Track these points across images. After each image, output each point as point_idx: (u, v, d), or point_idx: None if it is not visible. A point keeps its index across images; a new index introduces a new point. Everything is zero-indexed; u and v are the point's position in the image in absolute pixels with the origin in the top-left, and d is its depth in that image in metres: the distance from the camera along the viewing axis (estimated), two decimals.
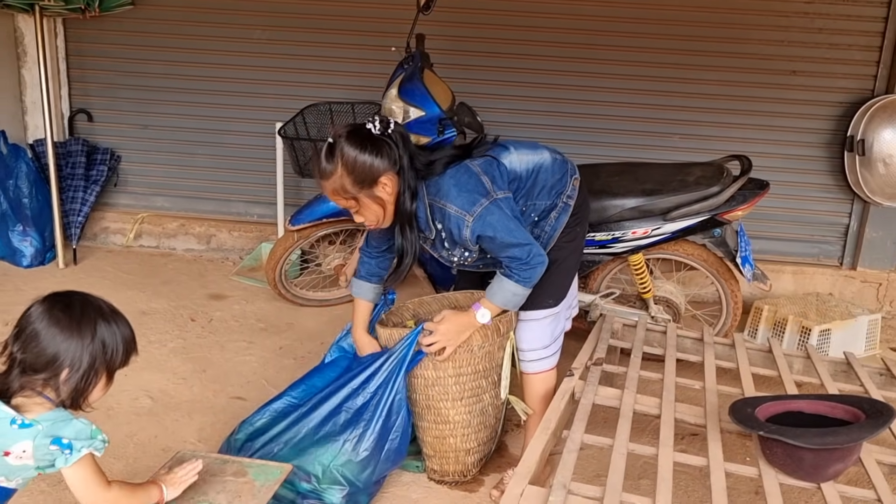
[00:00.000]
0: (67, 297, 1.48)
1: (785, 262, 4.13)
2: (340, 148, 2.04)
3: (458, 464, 2.39)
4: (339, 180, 2.06)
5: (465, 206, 2.12)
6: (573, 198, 2.37)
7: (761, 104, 3.98)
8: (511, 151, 2.31)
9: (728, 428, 2.17)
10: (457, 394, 2.27)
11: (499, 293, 2.20)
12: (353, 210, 2.15)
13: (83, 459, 1.45)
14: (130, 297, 3.79)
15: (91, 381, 1.47)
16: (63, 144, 4.27)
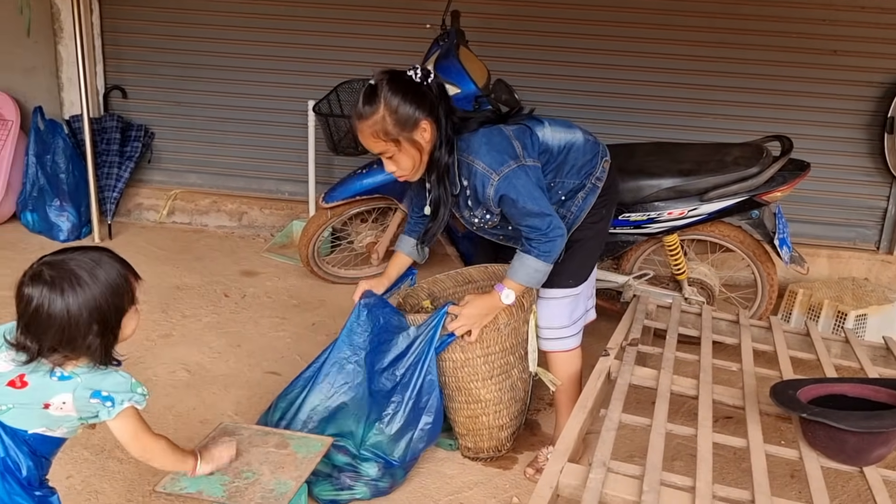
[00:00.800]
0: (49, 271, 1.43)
1: (820, 245, 4.07)
2: (382, 90, 2.03)
3: (492, 440, 2.40)
4: (381, 122, 2.04)
5: (492, 165, 2.11)
6: (602, 180, 2.36)
7: (799, 84, 3.90)
8: (545, 125, 2.31)
9: (765, 410, 2.16)
10: (486, 373, 2.28)
11: (520, 270, 2.19)
12: (388, 155, 2.12)
13: (126, 412, 1.48)
14: (164, 272, 3.83)
15: (113, 335, 1.48)
16: (98, 121, 4.31)
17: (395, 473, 2.23)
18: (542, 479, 1.77)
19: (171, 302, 3.50)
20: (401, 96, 2.03)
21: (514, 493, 2.30)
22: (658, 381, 2.26)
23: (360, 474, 2.17)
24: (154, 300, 3.49)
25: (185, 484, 1.72)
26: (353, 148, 3.42)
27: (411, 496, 2.25)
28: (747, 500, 1.72)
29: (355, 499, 2.18)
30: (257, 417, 2.50)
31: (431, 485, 2.31)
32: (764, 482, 1.77)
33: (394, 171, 2.17)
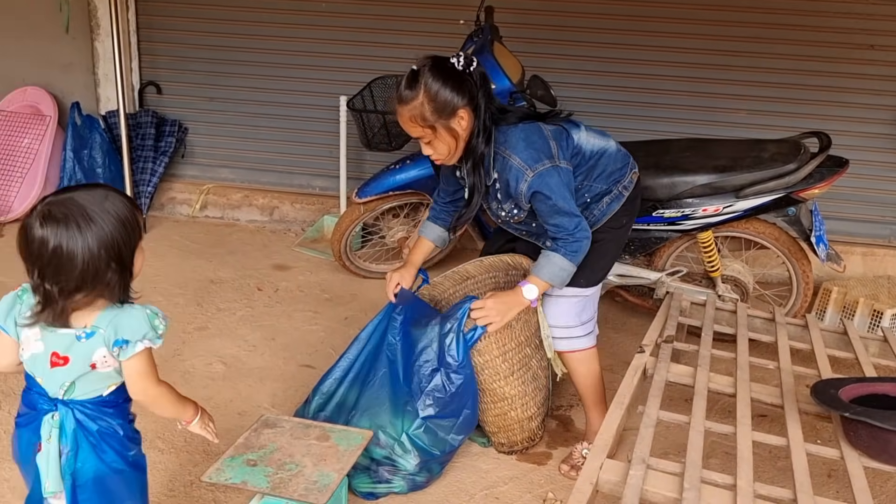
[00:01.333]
0: (57, 209, 1.37)
1: (854, 243, 4.02)
2: (424, 76, 2.06)
3: (524, 432, 2.42)
4: (420, 108, 2.07)
5: (528, 161, 2.14)
6: (629, 189, 2.40)
7: (835, 79, 3.85)
8: (581, 129, 2.35)
9: (804, 409, 2.15)
10: (507, 370, 2.28)
11: (546, 267, 2.21)
12: (425, 140, 2.17)
13: (138, 354, 1.45)
14: (198, 265, 3.89)
15: (129, 270, 1.44)
16: (133, 116, 4.37)
17: (432, 467, 2.26)
18: (581, 475, 1.78)
19: (206, 295, 3.54)
20: (441, 83, 2.06)
21: (548, 488, 2.31)
22: (695, 378, 2.25)
23: (397, 468, 2.19)
24: (189, 293, 3.54)
25: (230, 475, 1.75)
26: (387, 143, 3.44)
27: (447, 490, 2.27)
28: (789, 499, 1.71)
29: (392, 492, 2.21)
30: (293, 410, 2.54)
31: (467, 479, 2.33)
32: (805, 481, 1.76)
33: (430, 154, 2.21)
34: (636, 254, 3.19)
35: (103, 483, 1.52)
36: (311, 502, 1.66)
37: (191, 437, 2.47)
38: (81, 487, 1.50)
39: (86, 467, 1.49)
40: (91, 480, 1.50)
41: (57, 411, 1.48)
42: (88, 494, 1.51)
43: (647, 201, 2.96)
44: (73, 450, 1.49)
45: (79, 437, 1.49)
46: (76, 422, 1.48)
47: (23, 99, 4.47)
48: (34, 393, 1.51)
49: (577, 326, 2.40)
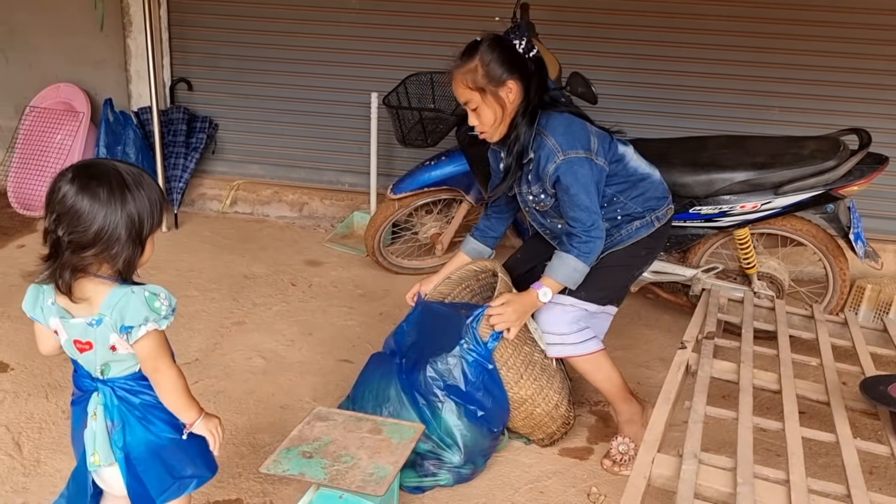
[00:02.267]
0: (93, 168, 1.41)
1: (888, 240, 4.00)
2: (484, 45, 2.17)
3: (556, 420, 2.43)
4: (473, 72, 2.16)
5: (562, 145, 2.19)
6: (661, 221, 2.43)
7: (871, 76, 3.83)
8: (630, 148, 2.41)
9: (849, 405, 2.15)
10: (515, 377, 2.28)
11: (560, 269, 2.25)
12: (472, 106, 2.22)
13: (145, 336, 1.45)
14: (231, 261, 3.92)
15: (139, 248, 1.45)
16: (165, 112, 4.41)
17: (477, 460, 2.28)
18: (634, 469, 1.79)
19: (241, 290, 3.58)
20: (497, 53, 2.16)
21: (592, 482, 2.33)
22: (739, 374, 2.26)
23: (442, 461, 2.22)
24: (224, 289, 3.58)
25: (287, 466, 1.78)
26: (423, 140, 3.46)
27: (492, 483, 2.29)
28: (843, 495, 1.72)
29: (438, 485, 2.23)
30: (334, 404, 2.57)
31: (511, 473, 2.34)
32: (858, 477, 1.77)
33: (476, 125, 2.26)
34: (671, 250, 3.20)
35: (157, 453, 1.56)
36: (369, 494, 1.69)
37: (236, 430, 2.50)
38: (137, 460, 1.54)
39: (137, 440, 1.54)
40: (145, 452, 1.55)
41: (99, 391, 1.53)
42: (145, 466, 1.55)
43: (684, 198, 2.97)
44: (122, 424, 1.53)
45: (123, 412, 1.53)
46: (118, 398, 1.53)
47: (56, 96, 4.52)
48: (79, 375, 1.58)
49: (570, 334, 2.37)
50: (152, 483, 1.56)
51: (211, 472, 1.66)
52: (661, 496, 2.10)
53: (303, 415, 2.50)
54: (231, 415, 2.58)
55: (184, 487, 1.60)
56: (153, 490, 1.56)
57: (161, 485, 1.57)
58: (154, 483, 1.56)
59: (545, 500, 2.23)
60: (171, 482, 1.58)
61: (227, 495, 2.17)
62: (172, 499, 1.60)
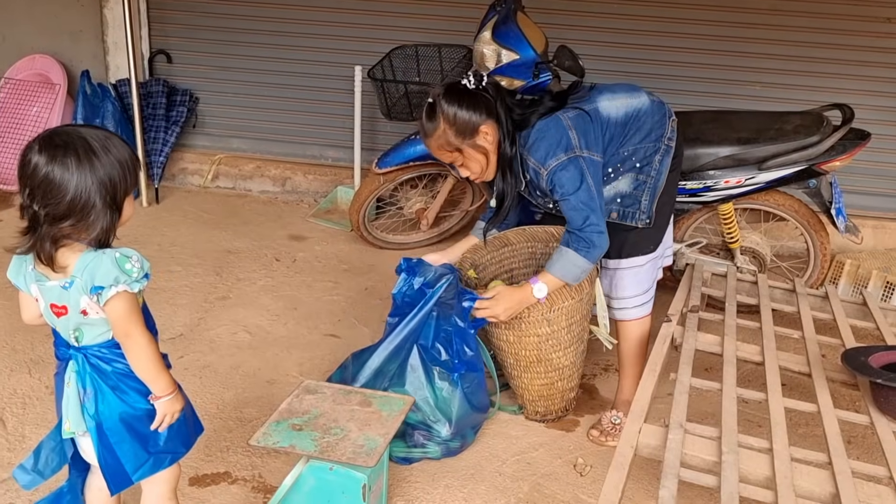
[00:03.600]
0: (58, 137, 1.38)
1: (866, 216, 4.05)
2: (440, 105, 2.15)
3: (563, 401, 2.47)
4: (443, 136, 2.17)
5: (541, 159, 2.18)
6: (673, 139, 2.36)
7: (851, 52, 3.86)
8: (606, 96, 2.30)
9: (830, 376, 2.19)
10: (568, 341, 2.33)
11: (557, 262, 2.20)
12: (458, 163, 2.25)
13: (115, 298, 1.41)
14: (214, 236, 3.89)
15: (116, 213, 1.43)
16: (144, 85, 4.33)
17: (466, 434, 2.30)
18: (622, 439, 1.82)
19: (224, 265, 3.55)
20: (457, 106, 2.14)
21: (578, 453, 2.36)
22: (723, 346, 2.30)
23: (432, 433, 2.23)
24: (207, 263, 3.55)
25: (277, 438, 1.78)
26: (408, 113, 3.44)
27: (479, 456, 2.31)
28: (824, 462, 1.76)
29: (427, 457, 2.25)
30: (321, 378, 2.56)
31: (498, 445, 2.37)
32: (839, 445, 1.81)
33: (468, 175, 2.27)
34: None
35: (131, 425, 1.53)
36: (360, 465, 1.70)
37: (223, 404, 2.50)
38: (110, 430, 1.52)
39: (110, 410, 1.51)
40: (118, 423, 1.52)
41: (73, 358, 1.52)
42: (118, 437, 1.52)
43: None
44: (94, 393, 1.51)
45: (96, 380, 1.51)
46: (90, 366, 1.51)
47: (31, 67, 4.42)
48: (57, 344, 1.56)
49: (648, 291, 2.46)
50: (127, 457, 1.53)
51: (185, 448, 1.63)
52: (647, 465, 2.15)
53: (290, 389, 2.50)
54: (217, 389, 2.58)
55: (159, 463, 1.57)
56: (128, 464, 1.54)
57: (136, 459, 1.54)
58: (129, 457, 1.53)
59: (532, 471, 2.26)
60: (147, 457, 1.55)
61: (216, 468, 2.18)
62: (148, 474, 1.57)
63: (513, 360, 2.38)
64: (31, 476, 1.63)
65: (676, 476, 1.65)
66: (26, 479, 1.63)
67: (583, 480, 2.24)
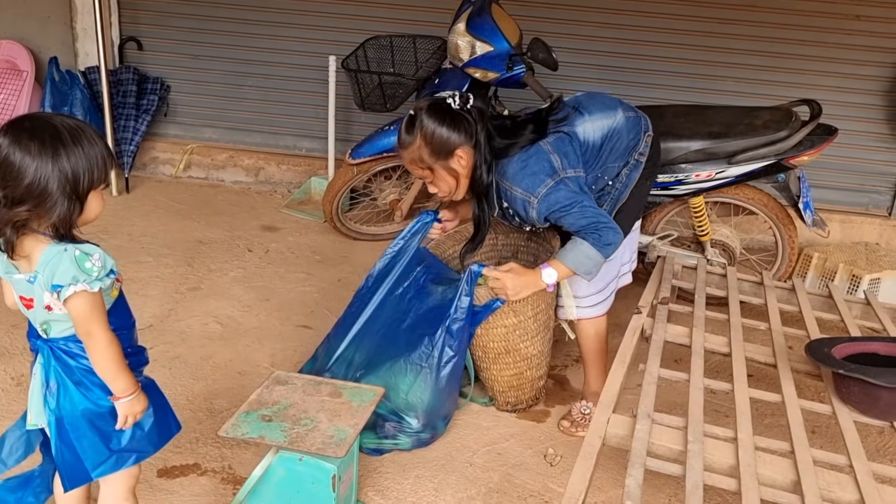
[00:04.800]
0: (29, 122, 1.37)
1: (833, 210, 4.12)
2: (420, 119, 2.11)
3: (532, 390, 2.49)
4: (418, 151, 2.13)
5: (530, 189, 2.16)
6: (644, 154, 2.38)
7: (821, 49, 3.91)
8: (585, 118, 2.30)
9: (795, 367, 2.23)
10: (535, 330, 2.34)
11: (571, 251, 2.19)
12: (427, 180, 2.21)
13: (74, 297, 1.39)
14: (186, 226, 3.85)
15: (77, 204, 1.40)
16: (114, 73, 4.27)
17: (437, 425, 2.30)
18: (590, 429, 1.84)
19: (196, 256, 3.52)
20: (437, 124, 2.10)
21: (548, 444, 2.38)
22: (691, 338, 2.32)
23: (402, 424, 2.24)
24: (178, 254, 3.52)
25: (246, 429, 1.77)
26: (381, 104, 3.42)
27: (451, 447, 2.32)
28: (787, 451, 1.79)
29: (398, 448, 2.25)
30: (293, 369, 2.57)
31: (469, 436, 2.38)
32: (802, 435, 1.84)
33: (435, 192, 2.24)
34: None
35: (93, 422, 1.51)
36: (330, 455, 1.70)
37: (193, 395, 2.48)
38: (71, 426, 1.50)
39: (72, 405, 1.49)
40: (80, 419, 1.50)
41: (40, 350, 1.51)
42: (79, 433, 1.50)
43: None
44: (58, 387, 1.50)
45: (60, 374, 1.49)
46: (55, 359, 1.49)
47: None
48: (30, 334, 1.54)
49: (602, 290, 2.44)
50: (87, 453, 1.51)
51: (154, 448, 1.60)
52: (615, 455, 2.17)
53: (261, 380, 2.48)
54: (188, 380, 2.56)
55: (121, 462, 1.55)
56: (88, 461, 1.51)
57: (97, 456, 1.52)
58: (89, 453, 1.51)
59: (503, 461, 2.27)
60: (108, 454, 1.53)
61: (185, 460, 2.16)
62: (109, 472, 1.55)
63: (481, 353, 2.39)
64: None
65: (643, 465, 1.67)
66: None
67: (553, 470, 2.26)
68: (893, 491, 1.67)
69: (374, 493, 2.10)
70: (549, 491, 2.17)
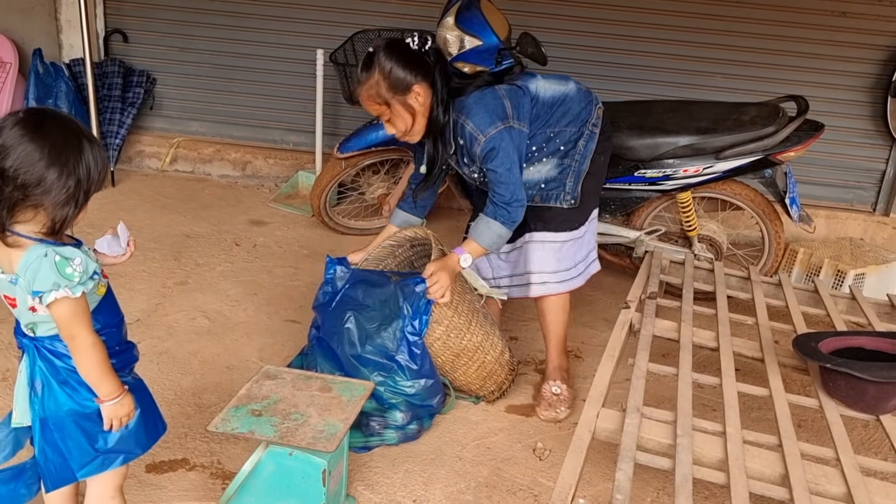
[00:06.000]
0: (47, 112, 1.36)
1: (818, 206, 4.16)
2: (378, 56, 2.18)
3: (504, 367, 2.47)
4: (375, 86, 2.19)
5: (480, 126, 2.24)
6: (598, 126, 2.49)
7: (807, 45, 3.94)
8: (538, 79, 2.45)
9: (782, 362, 2.25)
10: (465, 323, 2.31)
11: (486, 233, 2.31)
12: (384, 118, 2.27)
13: (56, 303, 1.37)
14: (172, 220, 3.82)
15: (77, 207, 1.38)
16: (99, 65, 4.23)
17: (423, 419, 2.30)
18: (579, 423, 1.84)
19: (183, 250, 3.50)
20: (395, 61, 2.17)
21: (537, 438, 2.38)
22: (679, 333, 2.34)
23: (387, 419, 2.23)
24: (165, 248, 3.49)
25: (236, 424, 1.76)
26: None
27: (440, 441, 2.32)
28: (774, 445, 1.80)
29: (385, 444, 2.25)
30: (281, 364, 2.55)
31: (458, 430, 2.38)
32: (789, 428, 1.86)
33: (393, 133, 2.30)
34: (616, 213, 3.26)
35: (78, 423, 1.49)
36: (320, 450, 1.69)
37: (181, 390, 2.46)
38: (56, 426, 1.49)
39: (57, 405, 1.48)
40: (65, 419, 1.48)
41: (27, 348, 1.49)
42: (63, 434, 1.49)
43: (630, 161, 3.02)
44: (43, 386, 1.48)
45: (46, 374, 1.48)
46: (41, 358, 1.48)
47: None
48: (17, 332, 1.52)
49: (560, 272, 2.52)
50: (72, 454, 1.50)
51: (142, 449, 1.59)
52: (605, 449, 2.18)
53: (249, 375, 2.48)
54: (175, 375, 2.54)
55: (108, 462, 1.53)
56: (73, 461, 1.50)
57: (82, 456, 1.50)
58: (74, 454, 1.50)
59: (492, 455, 2.28)
60: (94, 455, 1.51)
61: (174, 455, 2.15)
62: (95, 473, 1.53)
63: (438, 367, 2.34)
64: None
65: (633, 459, 1.68)
66: None
67: (542, 464, 2.27)
68: (879, 483, 1.68)
69: (363, 488, 2.10)
70: (538, 485, 2.17)
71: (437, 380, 2.29)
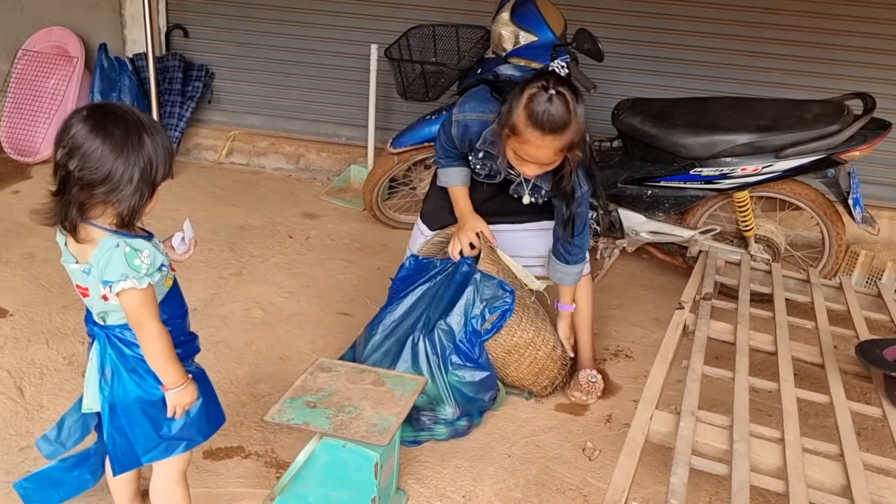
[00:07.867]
0: (109, 109, 1.39)
1: (882, 206, 4.01)
2: (571, 99, 1.89)
3: (556, 362, 2.47)
4: (571, 135, 1.93)
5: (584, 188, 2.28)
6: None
7: (874, 41, 3.79)
8: None
9: (843, 368, 2.19)
10: (516, 320, 2.31)
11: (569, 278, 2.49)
12: (545, 169, 2.09)
13: (124, 293, 1.41)
14: (227, 212, 3.90)
15: (143, 198, 1.41)
16: (161, 59, 4.33)
17: (473, 415, 2.31)
18: (632, 425, 1.83)
19: (238, 241, 3.57)
20: (581, 105, 1.94)
21: (587, 437, 2.37)
22: (735, 335, 2.29)
23: (437, 414, 2.25)
24: (221, 239, 3.57)
25: (291, 415, 1.80)
26: (424, 93, 3.42)
27: (489, 437, 2.33)
28: (835, 454, 1.76)
29: (434, 439, 2.27)
30: (333, 356, 2.59)
31: (507, 427, 2.38)
32: (851, 437, 1.81)
33: (535, 174, 2.13)
34: (669, 211, 3.20)
35: (145, 410, 1.55)
36: (373, 443, 1.71)
37: (236, 379, 2.52)
38: (124, 412, 1.54)
39: (125, 392, 1.53)
40: (133, 406, 1.54)
41: (98, 336, 1.54)
42: (131, 420, 1.54)
43: (685, 159, 2.97)
44: (112, 373, 1.53)
45: (115, 361, 1.53)
46: (111, 346, 1.53)
47: (49, 39, 4.42)
48: (88, 320, 1.58)
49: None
50: (138, 439, 1.55)
51: (203, 437, 1.64)
52: (656, 451, 2.16)
53: (302, 366, 2.53)
54: (231, 364, 2.60)
55: (171, 449, 1.59)
56: (139, 447, 1.55)
57: (147, 442, 1.56)
58: (140, 439, 1.55)
59: (541, 453, 2.27)
60: (158, 441, 1.57)
61: (230, 443, 2.20)
62: (159, 458, 1.59)
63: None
64: (54, 447, 1.66)
65: (688, 464, 1.66)
66: (49, 450, 1.66)
67: (591, 465, 2.25)
68: None
69: (413, 482, 2.12)
70: (587, 485, 2.16)
71: (493, 373, 2.30)
